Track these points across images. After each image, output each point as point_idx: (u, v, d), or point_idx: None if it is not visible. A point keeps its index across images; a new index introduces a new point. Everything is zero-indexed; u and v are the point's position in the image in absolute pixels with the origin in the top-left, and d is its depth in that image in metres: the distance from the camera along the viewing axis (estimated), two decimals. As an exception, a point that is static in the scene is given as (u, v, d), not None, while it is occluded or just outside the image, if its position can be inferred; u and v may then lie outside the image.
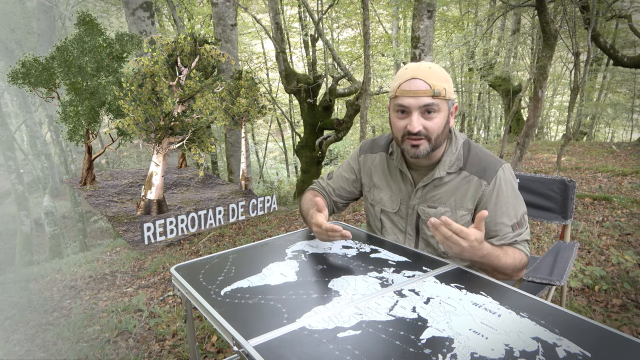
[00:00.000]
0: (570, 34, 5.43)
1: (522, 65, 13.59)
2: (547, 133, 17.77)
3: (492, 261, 1.16)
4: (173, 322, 2.68)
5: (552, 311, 0.93)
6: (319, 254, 1.29)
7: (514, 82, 12.01)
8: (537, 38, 7.50)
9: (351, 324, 0.90)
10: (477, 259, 1.14)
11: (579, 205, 4.17)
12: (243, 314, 0.94)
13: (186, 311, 1.27)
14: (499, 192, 1.25)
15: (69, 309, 3.23)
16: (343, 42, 13.79)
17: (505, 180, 1.26)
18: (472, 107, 15.16)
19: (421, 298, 1.00)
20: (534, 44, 10.03)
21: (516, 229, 1.26)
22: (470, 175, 1.28)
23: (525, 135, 4.85)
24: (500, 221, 1.25)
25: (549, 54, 4.60)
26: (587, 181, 5.51)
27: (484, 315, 0.91)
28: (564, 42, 7.08)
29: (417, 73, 1.19)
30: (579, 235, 3.33)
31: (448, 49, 10.52)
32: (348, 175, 1.52)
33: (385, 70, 14.38)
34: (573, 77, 6.02)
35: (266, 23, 10.92)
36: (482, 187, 1.26)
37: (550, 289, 1.61)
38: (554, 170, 6.04)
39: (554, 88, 15.43)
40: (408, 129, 1.20)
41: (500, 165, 1.27)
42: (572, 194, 1.72)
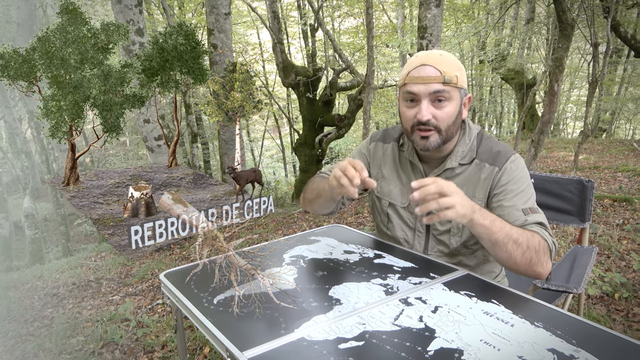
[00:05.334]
0: (588, 23, 5.43)
1: (537, 57, 13.59)
2: (563, 130, 17.78)
3: (495, 221, 1.09)
4: (162, 332, 2.68)
5: (569, 321, 0.93)
6: (319, 260, 1.29)
7: (527, 75, 12.02)
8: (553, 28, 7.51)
9: (353, 334, 0.90)
10: (479, 216, 1.07)
11: (597, 207, 4.17)
12: (237, 324, 0.94)
13: (177, 321, 1.27)
14: (510, 177, 1.25)
15: (51, 318, 3.23)
16: (345, 32, 13.80)
17: (518, 166, 1.26)
18: (483, 102, 15.17)
19: (428, 306, 1.00)
20: (549, 34, 10.03)
21: (527, 213, 1.21)
22: (482, 163, 1.29)
23: (540, 132, 4.85)
24: (510, 204, 1.22)
25: (566, 44, 4.60)
26: (607, 181, 5.51)
27: (496, 325, 0.91)
28: (582, 32, 7.08)
29: (427, 60, 1.20)
30: (597, 240, 3.33)
31: (457, 39, 10.53)
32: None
33: (390, 62, 14.40)
34: (591, 69, 6.02)
35: (262, 11, 10.93)
36: (493, 173, 1.26)
37: (567, 297, 1.61)
38: (570, 169, 6.04)
39: (571, 81, 15.44)
40: (417, 118, 1.21)
41: (513, 153, 1.29)
42: (591, 195, 1.72)
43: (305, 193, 1.50)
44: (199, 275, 1.21)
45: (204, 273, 1.22)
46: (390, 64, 14.44)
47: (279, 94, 16.17)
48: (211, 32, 7.72)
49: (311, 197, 1.44)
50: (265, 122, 17.48)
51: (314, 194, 1.42)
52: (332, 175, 1.16)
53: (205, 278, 1.19)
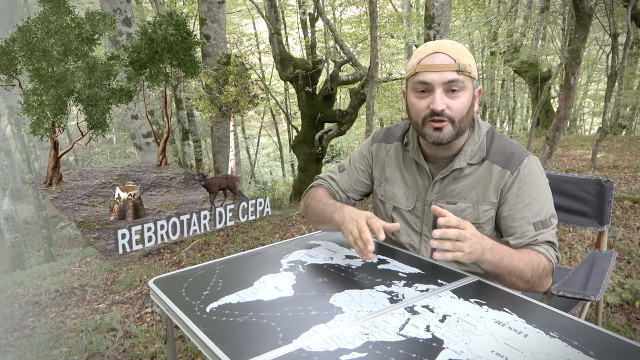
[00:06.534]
0: (607, 12, 5.43)
1: (552, 49, 13.60)
2: (580, 126, 17.80)
3: (504, 259, 1.15)
4: (152, 343, 2.68)
5: (587, 330, 0.93)
6: (319, 265, 1.29)
7: (542, 67, 12.02)
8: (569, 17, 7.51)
9: (356, 345, 0.90)
10: (488, 255, 1.12)
11: (617, 209, 4.17)
12: (232, 334, 0.94)
13: (167, 330, 1.27)
14: (522, 183, 1.25)
15: (32, 327, 3.23)
16: (346, 22, 13.81)
17: (531, 171, 1.26)
18: (495, 97, 15.18)
19: (436, 315, 1.00)
20: (565, 23, 10.03)
21: (539, 228, 1.24)
22: (493, 165, 1.28)
23: (556, 128, 4.86)
24: (521, 216, 1.25)
25: (583, 35, 4.61)
26: (627, 181, 5.51)
27: (508, 335, 0.91)
28: (600, 22, 7.09)
29: (440, 47, 1.21)
30: (617, 244, 3.33)
31: (467, 29, 10.54)
32: (363, 167, 1.52)
33: (395, 54, 14.40)
34: (610, 62, 6.02)
35: (258, 0, 10.93)
36: (505, 177, 1.26)
37: (584, 305, 1.61)
38: (588, 168, 6.05)
39: (589, 75, 15.45)
40: (431, 108, 1.21)
41: (527, 154, 1.28)
42: (610, 196, 1.72)
43: (307, 209, 1.49)
44: (190, 281, 1.21)
45: (195, 279, 1.22)
46: (395, 55, 14.44)
47: (276, 88, 16.18)
48: (203, 22, 7.72)
49: (315, 220, 1.44)
50: (261, 118, 17.49)
51: (318, 217, 1.41)
52: (345, 227, 1.21)
53: (197, 285, 1.19)
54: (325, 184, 1.54)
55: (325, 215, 1.36)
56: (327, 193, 1.49)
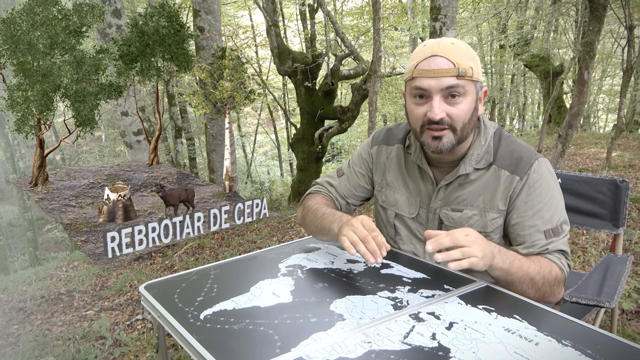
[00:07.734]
0: (622, 3, 5.43)
1: (565, 42, 13.60)
2: (594, 123, 17.80)
3: (514, 263, 1.16)
4: (142, 351, 2.68)
5: (601, 338, 0.93)
6: (318, 270, 1.29)
7: (554, 61, 12.02)
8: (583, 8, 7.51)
9: (358, 354, 0.89)
10: (498, 259, 1.14)
11: (633, 210, 4.17)
12: (227, 342, 0.94)
13: (158, 338, 1.27)
14: (532, 189, 1.25)
15: (17, 335, 3.23)
16: (348, 14, 13.81)
17: (541, 175, 1.26)
18: (504, 92, 15.18)
19: (442, 323, 1.00)
20: (578, 15, 10.03)
21: (550, 237, 1.24)
22: (501, 170, 1.27)
23: (568, 125, 4.86)
24: (531, 224, 1.25)
25: (597, 27, 4.61)
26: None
27: (519, 344, 0.91)
28: (615, 14, 7.08)
29: (438, 50, 1.18)
30: (633, 247, 3.33)
31: (475, 21, 10.53)
32: (363, 171, 1.51)
33: (399, 47, 14.40)
34: (626, 55, 6.02)
35: (255, -10, 10.92)
36: (514, 183, 1.26)
37: (599, 312, 1.61)
38: (602, 168, 6.05)
39: (603, 69, 15.45)
40: (428, 117, 1.19)
41: (537, 158, 1.27)
42: (625, 197, 1.72)
43: (304, 219, 1.47)
44: (183, 287, 1.21)
45: (189, 285, 1.23)
46: (399, 49, 14.43)
47: (273, 83, 16.19)
48: (197, 14, 7.72)
49: (313, 230, 1.42)
50: (258, 114, 17.50)
51: (316, 228, 1.39)
52: (347, 230, 1.17)
53: (191, 290, 1.19)
54: (323, 190, 1.53)
55: (324, 226, 1.34)
56: (325, 200, 1.48)
